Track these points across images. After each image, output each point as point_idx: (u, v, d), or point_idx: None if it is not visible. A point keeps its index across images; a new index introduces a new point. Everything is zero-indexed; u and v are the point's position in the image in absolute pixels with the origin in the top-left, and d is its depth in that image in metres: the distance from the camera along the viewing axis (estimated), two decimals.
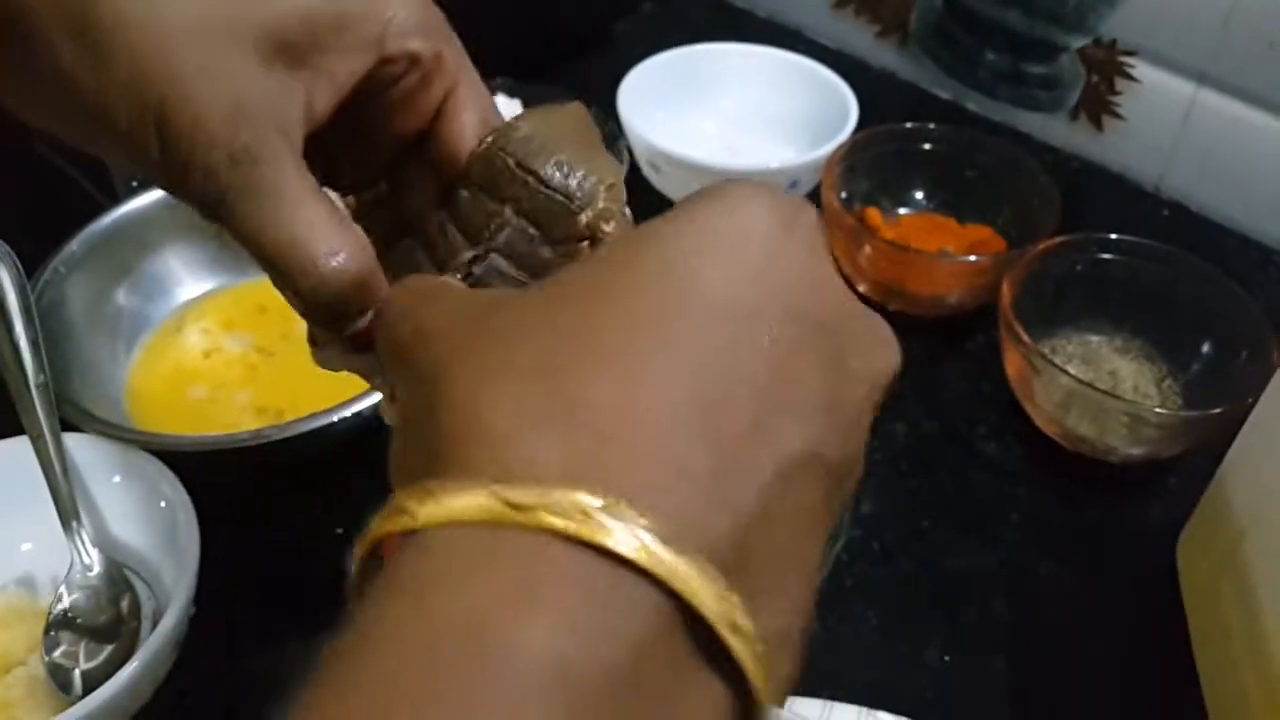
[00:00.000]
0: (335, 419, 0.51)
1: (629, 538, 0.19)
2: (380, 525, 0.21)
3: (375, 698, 0.18)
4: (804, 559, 0.23)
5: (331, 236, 0.29)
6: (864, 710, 0.48)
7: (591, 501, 0.19)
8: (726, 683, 0.20)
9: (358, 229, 0.30)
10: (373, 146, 0.34)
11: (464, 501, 0.19)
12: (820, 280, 0.24)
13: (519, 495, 0.19)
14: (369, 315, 0.30)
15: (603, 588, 0.19)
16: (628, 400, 0.21)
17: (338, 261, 0.29)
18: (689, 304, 0.22)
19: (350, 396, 0.52)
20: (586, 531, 0.19)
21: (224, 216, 0.29)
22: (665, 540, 0.19)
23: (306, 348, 0.34)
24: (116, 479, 0.52)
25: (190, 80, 0.28)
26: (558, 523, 0.19)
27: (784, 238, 0.24)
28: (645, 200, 0.54)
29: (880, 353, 0.26)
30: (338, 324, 0.30)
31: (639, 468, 0.20)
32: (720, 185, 0.25)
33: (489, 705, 0.17)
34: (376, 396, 0.52)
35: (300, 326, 0.32)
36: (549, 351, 0.22)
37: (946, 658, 0.53)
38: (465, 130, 0.33)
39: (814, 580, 0.23)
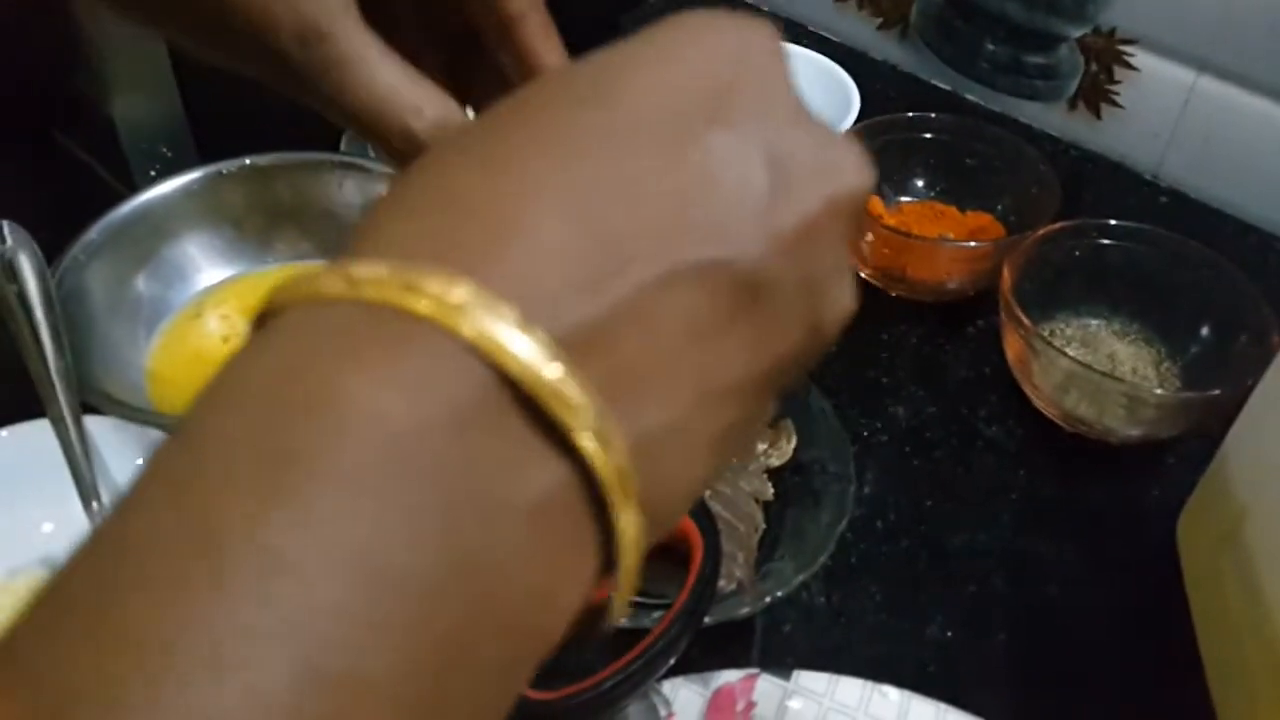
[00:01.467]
0: None
1: (466, 315, 0.19)
2: (261, 304, 0.21)
3: (210, 462, 0.18)
4: (693, 366, 0.22)
5: (412, 93, 0.30)
6: (868, 683, 0.49)
7: (432, 280, 0.19)
8: (571, 466, 0.20)
9: (430, 82, 0.31)
10: (433, 37, 0.34)
11: (324, 281, 0.20)
12: (764, 93, 0.24)
13: (362, 271, 0.19)
14: None
15: (431, 358, 0.19)
16: (503, 190, 0.21)
17: (423, 116, 0.30)
18: (610, 108, 0.22)
19: None
20: (418, 307, 0.19)
21: (316, 98, 0.30)
22: (501, 316, 0.19)
23: None
24: (137, 461, 0.53)
25: None
26: (389, 297, 0.19)
27: (734, 49, 0.24)
28: None
29: (836, 172, 0.24)
30: None
31: (497, 250, 0.20)
32: (680, 15, 0.24)
33: (322, 463, 0.18)
34: None
35: None
36: (461, 153, 0.22)
37: (949, 633, 0.54)
38: (531, 24, 0.33)
39: (712, 395, 0.22)
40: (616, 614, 0.23)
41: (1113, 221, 0.66)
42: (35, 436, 0.52)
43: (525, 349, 0.19)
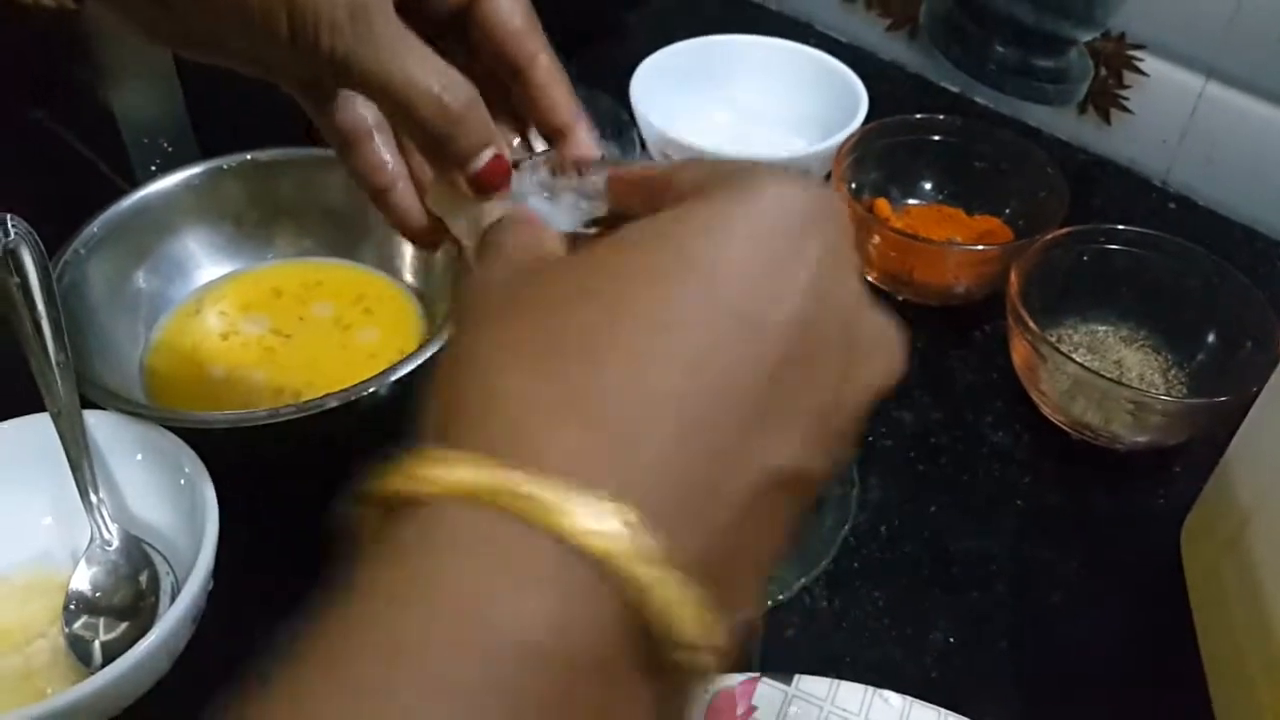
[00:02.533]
0: (352, 399, 0.52)
1: (618, 545, 0.20)
2: (388, 482, 0.22)
3: (367, 664, 0.19)
4: (764, 562, 0.24)
5: (443, 71, 0.32)
6: (869, 689, 0.49)
7: (584, 504, 0.20)
8: (673, 677, 0.21)
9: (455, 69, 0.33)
10: (414, 20, 0.35)
11: (470, 478, 0.20)
12: (838, 285, 0.24)
13: (522, 483, 0.20)
14: (487, 155, 0.33)
15: (583, 585, 0.20)
16: (633, 401, 0.22)
17: (452, 91, 0.32)
18: (703, 306, 0.23)
19: (366, 378, 0.53)
20: (578, 534, 0.20)
21: (349, 68, 0.32)
22: (646, 555, 0.20)
23: (322, 331, 0.35)
24: (136, 455, 0.52)
25: None
26: (552, 518, 0.20)
27: (806, 237, 0.24)
28: None
29: (885, 360, 0.26)
30: (461, 158, 0.33)
31: (636, 474, 0.21)
32: (750, 172, 0.25)
33: (468, 674, 0.19)
34: (393, 376, 0.53)
35: (316, 309, 0.33)
36: (563, 336, 0.23)
37: (951, 640, 0.54)
38: (498, 6, 0.35)
39: (766, 576, 0.24)
40: None
41: (1120, 226, 0.65)
42: (34, 430, 0.52)
43: (690, 604, 0.20)
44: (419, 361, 0.54)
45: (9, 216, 0.54)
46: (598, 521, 0.20)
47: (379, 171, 0.37)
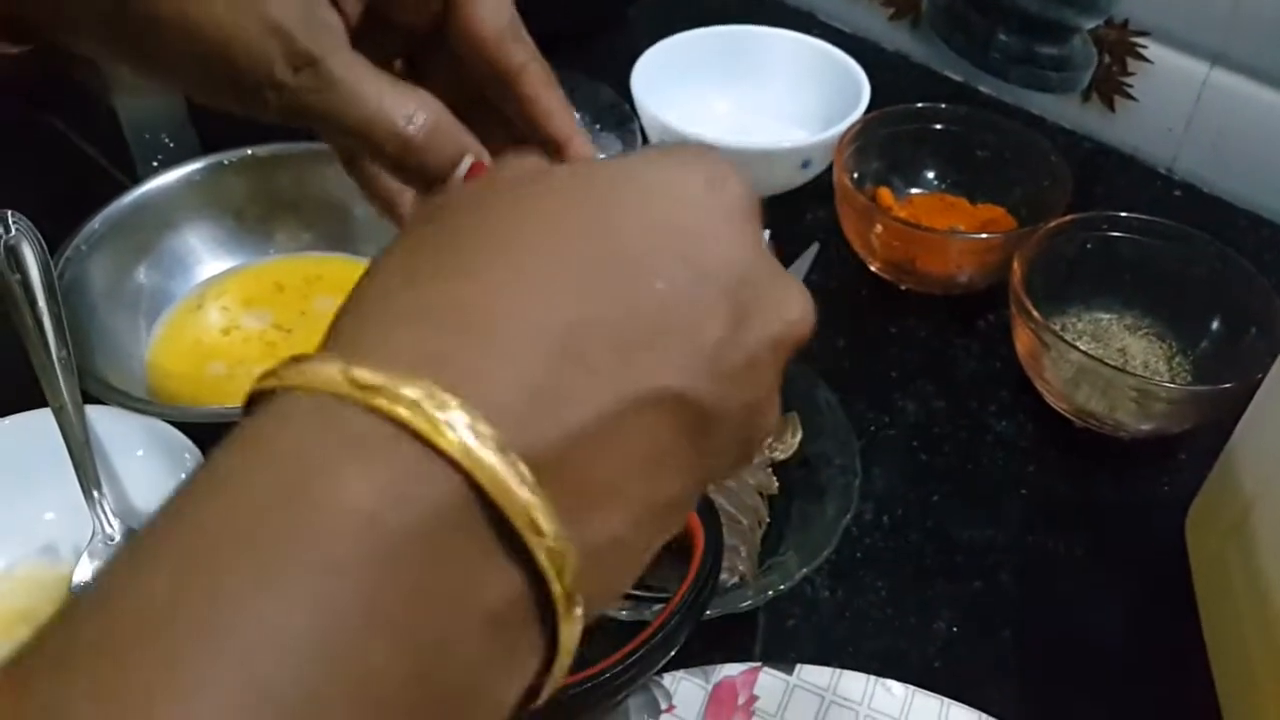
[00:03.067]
0: None
1: (449, 431, 0.21)
2: (255, 382, 0.23)
3: (203, 537, 0.20)
4: (642, 487, 0.24)
5: (403, 102, 0.32)
6: (872, 678, 0.48)
7: (423, 393, 0.21)
8: (527, 577, 0.22)
9: (420, 89, 0.33)
10: (389, 37, 0.35)
11: (321, 373, 0.21)
12: (730, 240, 0.26)
13: (364, 376, 0.21)
14: (464, 166, 0.33)
15: (414, 465, 0.21)
16: (491, 307, 0.23)
17: (415, 121, 0.32)
18: (590, 238, 0.24)
19: None
20: (409, 418, 0.21)
21: (303, 116, 0.32)
22: (481, 435, 0.21)
23: (323, 326, 0.35)
24: (138, 450, 0.52)
25: (224, 16, 0.30)
26: (385, 405, 0.21)
27: (705, 198, 0.26)
28: None
29: (783, 315, 0.27)
30: (439, 177, 0.33)
31: (480, 368, 0.22)
32: (670, 145, 0.27)
33: (303, 546, 0.19)
34: None
35: (317, 303, 0.34)
36: (446, 255, 0.24)
37: (954, 629, 0.53)
38: (482, 14, 0.34)
39: (654, 510, 0.25)
40: (546, 695, 0.24)
41: (1124, 214, 0.65)
42: (37, 425, 0.52)
43: (503, 469, 0.21)
44: None
45: (10, 213, 0.54)
46: (437, 408, 0.21)
47: (384, 180, 0.38)
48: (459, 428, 0.21)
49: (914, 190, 0.75)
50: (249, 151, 0.64)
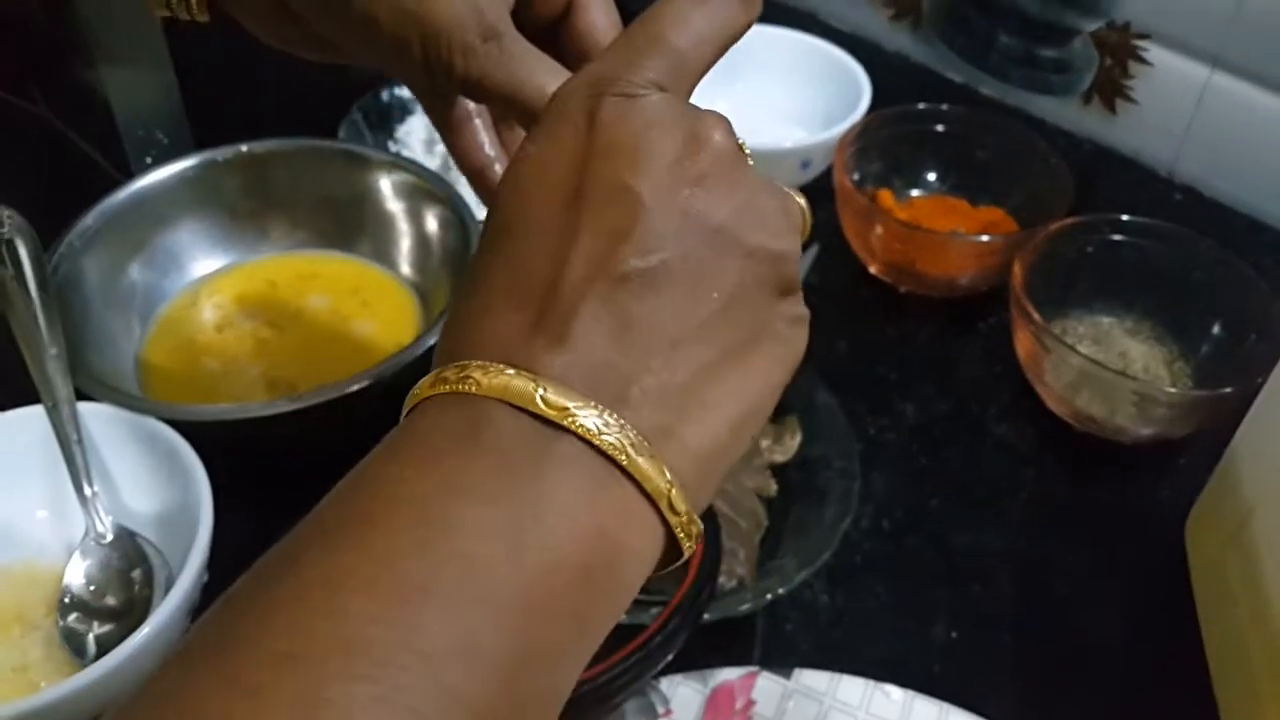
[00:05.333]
0: (346, 391, 0.52)
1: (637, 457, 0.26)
2: (432, 386, 0.27)
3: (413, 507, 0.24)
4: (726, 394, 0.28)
5: (556, 74, 0.35)
6: (870, 682, 0.48)
7: (610, 421, 0.26)
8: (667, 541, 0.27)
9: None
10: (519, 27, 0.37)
11: (513, 388, 0.26)
12: (737, 173, 0.30)
13: (555, 397, 0.26)
14: None
15: (627, 496, 0.26)
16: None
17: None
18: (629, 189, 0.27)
19: (360, 370, 0.52)
20: (603, 444, 0.26)
21: (481, 85, 0.35)
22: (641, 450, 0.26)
23: (317, 323, 0.36)
24: (130, 448, 0.52)
25: None
26: (560, 414, 0.26)
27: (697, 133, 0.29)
28: None
29: (774, 221, 0.30)
30: None
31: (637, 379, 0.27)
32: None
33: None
34: (390, 369, 0.52)
35: (311, 301, 0.34)
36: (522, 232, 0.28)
37: (953, 633, 0.53)
38: (596, 23, 0.38)
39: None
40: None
41: (1125, 217, 0.65)
42: (29, 422, 0.52)
43: (651, 469, 0.26)
44: (416, 354, 0.53)
45: (3, 209, 0.54)
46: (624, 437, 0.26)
47: (478, 152, 0.40)
48: (626, 447, 0.26)
49: (914, 192, 0.75)
50: (243, 148, 0.64)
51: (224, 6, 0.39)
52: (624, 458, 0.26)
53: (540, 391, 0.25)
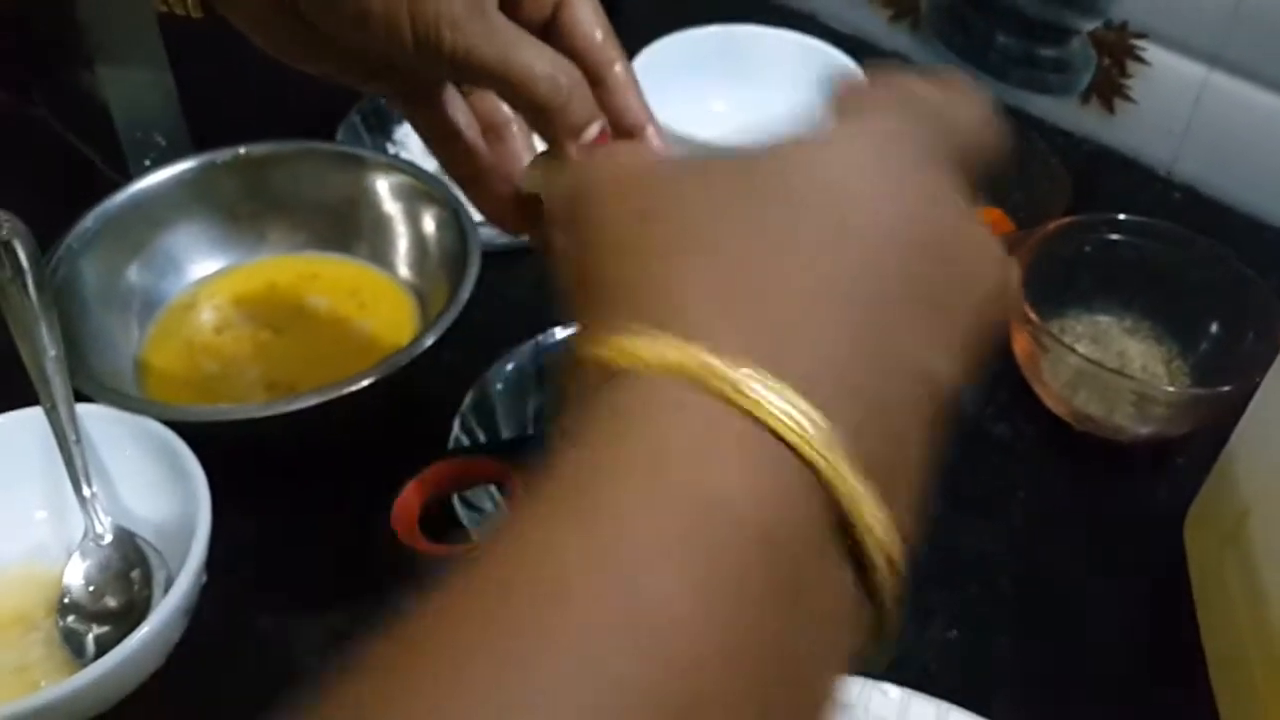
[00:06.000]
0: (345, 393, 0.52)
1: (797, 425, 0.22)
2: (589, 350, 0.24)
3: (572, 499, 0.21)
4: (915, 476, 0.26)
5: (552, 55, 0.36)
6: (868, 681, 0.48)
7: (776, 392, 0.22)
8: (855, 574, 0.23)
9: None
10: None
11: (666, 354, 0.22)
12: (949, 203, 0.28)
13: (713, 361, 0.22)
14: (596, 128, 0.37)
15: (769, 460, 0.21)
16: (802, 294, 0.24)
17: (565, 71, 0.36)
18: (847, 216, 0.26)
19: (359, 372, 0.52)
20: (762, 412, 0.22)
21: (469, 61, 0.35)
22: (830, 445, 0.22)
23: (316, 325, 0.36)
24: (129, 449, 0.52)
25: None
26: (733, 394, 0.22)
27: (879, 166, 0.28)
28: None
29: (988, 266, 0.28)
30: (574, 130, 0.36)
31: (814, 367, 0.23)
32: (840, 126, 0.29)
33: (662, 525, 0.20)
34: (389, 370, 0.52)
35: (310, 302, 0.34)
36: (729, 236, 0.25)
37: (952, 633, 0.53)
38: (581, 18, 0.38)
39: (918, 497, 0.26)
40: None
41: (1123, 217, 0.65)
42: (28, 424, 0.52)
43: (870, 496, 0.22)
44: (414, 355, 0.53)
45: (1, 212, 0.54)
46: (789, 408, 0.22)
47: (469, 161, 0.41)
48: (807, 429, 0.22)
49: None
50: (241, 150, 0.64)
51: (217, 7, 0.39)
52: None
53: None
